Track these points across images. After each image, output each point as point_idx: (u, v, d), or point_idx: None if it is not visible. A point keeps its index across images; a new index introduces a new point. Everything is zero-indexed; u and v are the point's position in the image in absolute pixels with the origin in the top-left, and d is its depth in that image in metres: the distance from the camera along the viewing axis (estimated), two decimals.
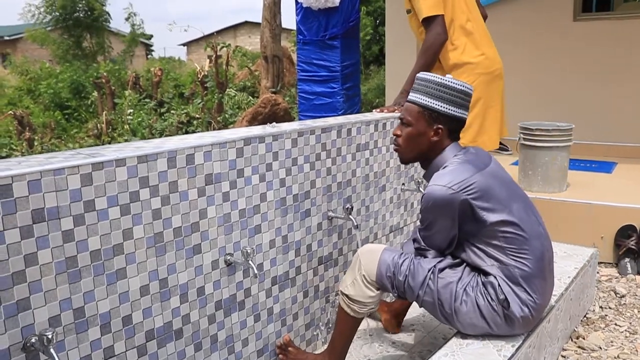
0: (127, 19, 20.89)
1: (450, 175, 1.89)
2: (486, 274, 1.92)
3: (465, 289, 1.92)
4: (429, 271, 1.96)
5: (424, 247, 2.02)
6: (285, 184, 2.22)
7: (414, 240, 2.07)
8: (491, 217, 1.86)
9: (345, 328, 2.16)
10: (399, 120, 2.06)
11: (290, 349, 2.31)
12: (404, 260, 2.01)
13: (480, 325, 1.92)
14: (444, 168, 1.94)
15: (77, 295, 1.56)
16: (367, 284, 2.06)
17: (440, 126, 1.96)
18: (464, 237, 1.94)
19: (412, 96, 2.00)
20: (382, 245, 2.13)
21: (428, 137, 1.98)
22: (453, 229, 1.91)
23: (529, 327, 1.97)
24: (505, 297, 1.87)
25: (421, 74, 2.02)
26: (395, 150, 2.09)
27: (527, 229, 1.90)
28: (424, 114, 1.97)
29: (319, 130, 2.34)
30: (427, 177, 2.03)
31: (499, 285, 1.88)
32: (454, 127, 1.99)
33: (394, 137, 2.07)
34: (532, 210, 1.99)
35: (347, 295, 2.09)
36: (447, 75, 1.99)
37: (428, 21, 2.91)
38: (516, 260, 1.87)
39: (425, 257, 2.01)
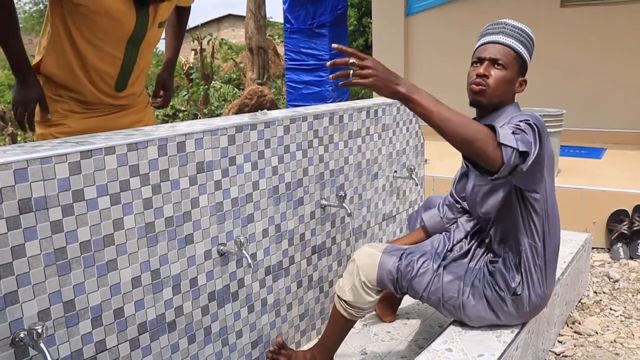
0: None
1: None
2: (493, 260, 1.88)
3: (472, 282, 1.89)
4: (434, 272, 1.92)
5: (461, 207, 1.88)
6: (277, 172, 2.17)
7: (449, 206, 1.95)
8: (545, 181, 1.79)
9: (339, 329, 2.10)
10: (478, 60, 1.87)
11: (282, 351, 2.22)
12: (407, 264, 1.94)
13: (489, 317, 1.89)
14: None
15: (66, 287, 1.51)
16: (367, 290, 1.98)
17: (525, 79, 1.88)
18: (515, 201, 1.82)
19: (507, 40, 1.84)
20: (380, 246, 2.04)
21: (514, 86, 1.88)
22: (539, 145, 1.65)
23: (534, 315, 1.95)
24: (522, 278, 1.82)
25: (509, 20, 1.87)
26: (479, 90, 1.84)
27: (555, 211, 1.87)
28: (518, 62, 1.85)
29: (311, 117, 2.30)
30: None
31: (516, 267, 1.83)
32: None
33: (478, 76, 1.84)
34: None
35: (344, 301, 2.02)
36: None
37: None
38: (544, 242, 1.82)
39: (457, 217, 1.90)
